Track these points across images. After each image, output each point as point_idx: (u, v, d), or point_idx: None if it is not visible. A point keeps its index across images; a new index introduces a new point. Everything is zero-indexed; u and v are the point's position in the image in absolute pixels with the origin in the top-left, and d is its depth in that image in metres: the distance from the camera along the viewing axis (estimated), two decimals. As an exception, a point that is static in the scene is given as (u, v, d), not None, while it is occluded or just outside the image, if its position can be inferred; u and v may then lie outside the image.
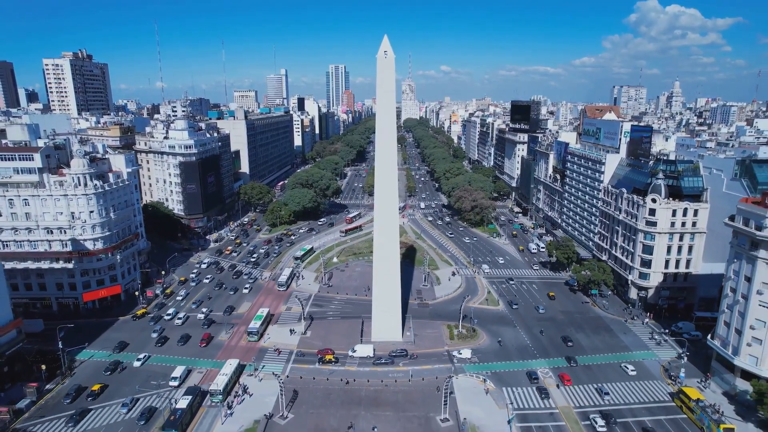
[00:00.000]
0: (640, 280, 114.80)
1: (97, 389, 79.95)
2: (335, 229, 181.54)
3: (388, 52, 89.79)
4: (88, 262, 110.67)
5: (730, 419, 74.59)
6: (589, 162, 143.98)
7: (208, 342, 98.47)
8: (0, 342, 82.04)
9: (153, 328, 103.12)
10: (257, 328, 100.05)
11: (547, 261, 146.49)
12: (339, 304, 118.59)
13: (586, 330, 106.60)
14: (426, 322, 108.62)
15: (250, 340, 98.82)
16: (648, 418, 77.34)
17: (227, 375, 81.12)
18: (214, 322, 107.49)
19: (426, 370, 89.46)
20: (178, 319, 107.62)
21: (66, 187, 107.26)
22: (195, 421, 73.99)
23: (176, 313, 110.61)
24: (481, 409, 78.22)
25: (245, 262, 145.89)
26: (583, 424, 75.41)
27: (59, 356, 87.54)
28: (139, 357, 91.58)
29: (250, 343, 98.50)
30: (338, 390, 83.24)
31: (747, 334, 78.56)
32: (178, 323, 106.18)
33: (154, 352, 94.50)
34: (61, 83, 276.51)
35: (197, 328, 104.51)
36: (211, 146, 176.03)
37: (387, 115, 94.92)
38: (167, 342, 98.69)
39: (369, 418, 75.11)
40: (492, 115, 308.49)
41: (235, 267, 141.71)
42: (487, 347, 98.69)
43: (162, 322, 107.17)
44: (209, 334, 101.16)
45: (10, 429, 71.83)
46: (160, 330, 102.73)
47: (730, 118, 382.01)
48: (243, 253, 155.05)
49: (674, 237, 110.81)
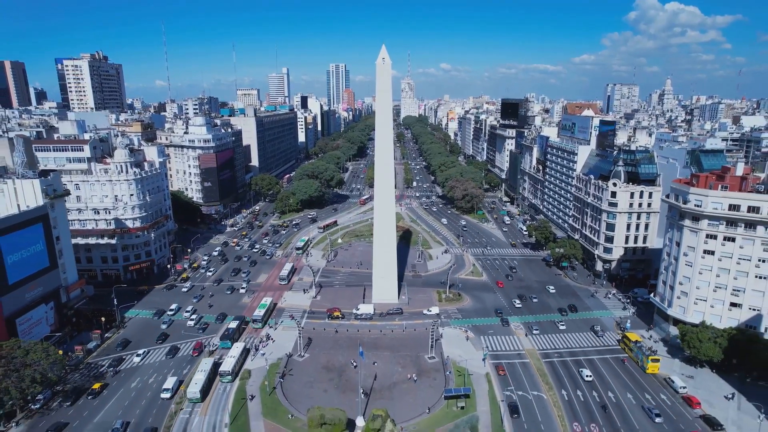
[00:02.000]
0: (605, 254, 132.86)
1: (97, 387, 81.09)
2: (338, 215, 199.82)
3: (385, 59, 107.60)
4: (128, 239, 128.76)
5: (662, 356, 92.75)
6: (565, 153, 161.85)
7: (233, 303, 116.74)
8: (71, 296, 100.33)
9: (190, 294, 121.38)
10: (262, 315, 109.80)
11: (528, 241, 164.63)
12: (344, 276, 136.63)
13: (556, 296, 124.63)
14: (419, 288, 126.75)
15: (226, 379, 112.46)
16: (597, 357, 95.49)
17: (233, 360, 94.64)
18: (235, 289, 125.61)
19: (417, 323, 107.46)
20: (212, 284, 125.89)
21: (110, 174, 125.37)
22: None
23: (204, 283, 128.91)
24: (461, 350, 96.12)
25: (260, 243, 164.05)
26: (544, 361, 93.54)
27: (112, 313, 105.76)
28: (187, 310, 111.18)
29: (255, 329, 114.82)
30: (344, 337, 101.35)
31: (677, 289, 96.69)
32: (208, 288, 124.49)
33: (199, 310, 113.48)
34: (80, 83, 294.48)
35: (222, 294, 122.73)
36: (226, 140, 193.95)
37: (385, 112, 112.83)
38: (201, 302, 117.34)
39: (370, 356, 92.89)
40: (485, 113, 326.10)
41: (253, 246, 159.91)
42: (470, 307, 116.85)
43: (196, 288, 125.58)
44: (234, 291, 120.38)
45: (84, 362, 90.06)
46: (198, 296, 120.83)
47: (718, 115, 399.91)
48: (257, 236, 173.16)
49: (632, 216, 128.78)
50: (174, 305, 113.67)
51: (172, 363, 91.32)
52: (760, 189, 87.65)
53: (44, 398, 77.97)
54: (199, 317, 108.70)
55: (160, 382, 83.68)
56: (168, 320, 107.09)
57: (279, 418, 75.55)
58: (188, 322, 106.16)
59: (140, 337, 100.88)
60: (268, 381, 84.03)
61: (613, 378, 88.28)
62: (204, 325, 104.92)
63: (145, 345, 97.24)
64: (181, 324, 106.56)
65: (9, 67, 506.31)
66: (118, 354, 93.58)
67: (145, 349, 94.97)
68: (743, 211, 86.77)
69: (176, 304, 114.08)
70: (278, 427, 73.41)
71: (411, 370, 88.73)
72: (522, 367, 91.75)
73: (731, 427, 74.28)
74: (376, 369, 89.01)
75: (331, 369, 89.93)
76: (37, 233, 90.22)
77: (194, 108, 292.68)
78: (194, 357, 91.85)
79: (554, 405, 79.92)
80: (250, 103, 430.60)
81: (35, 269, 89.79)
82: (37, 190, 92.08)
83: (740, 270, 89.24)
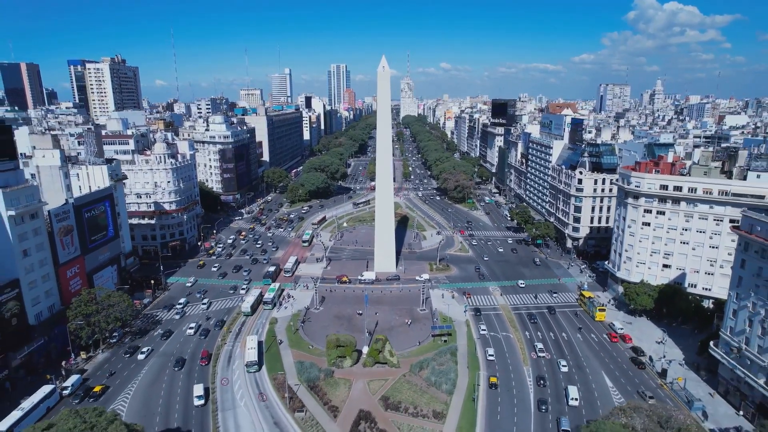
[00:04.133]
0: (573, 233, 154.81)
1: (98, 390, 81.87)
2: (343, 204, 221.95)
3: (385, 67, 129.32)
4: (165, 219, 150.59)
5: (610, 310, 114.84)
6: (543, 147, 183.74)
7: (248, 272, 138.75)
8: (128, 262, 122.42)
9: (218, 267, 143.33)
10: (291, 267, 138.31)
11: (511, 225, 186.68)
12: (349, 252, 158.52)
13: (530, 267, 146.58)
14: (414, 261, 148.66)
15: (286, 274, 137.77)
16: (559, 309, 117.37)
17: (273, 291, 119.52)
18: (258, 261, 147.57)
19: (411, 286, 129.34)
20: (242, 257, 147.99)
21: (151, 164, 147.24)
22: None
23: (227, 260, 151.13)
24: (447, 306, 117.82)
25: (276, 227, 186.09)
26: (514, 312, 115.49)
27: (158, 278, 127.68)
28: (218, 276, 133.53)
29: (286, 276, 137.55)
30: (351, 296, 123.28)
31: (623, 256, 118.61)
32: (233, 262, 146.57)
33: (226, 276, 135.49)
34: (102, 84, 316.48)
35: (247, 265, 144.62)
36: (242, 137, 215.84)
37: (385, 112, 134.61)
38: (227, 275, 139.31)
39: (372, 309, 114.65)
40: (478, 112, 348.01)
41: (269, 229, 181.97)
42: (457, 275, 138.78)
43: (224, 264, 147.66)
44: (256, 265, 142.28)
45: (142, 313, 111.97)
46: (219, 267, 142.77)
47: (705, 114, 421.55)
48: (272, 220, 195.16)
49: (596, 200, 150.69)
50: (215, 267, 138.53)
51: (210, 314, 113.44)
52: (684, 172, 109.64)
53: (118, 335, 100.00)
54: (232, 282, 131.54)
55: (204, 324, 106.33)
56: (206, 284, 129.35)
57: (302, 348, 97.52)
58: (222, 283, 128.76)
59: (181, 296, 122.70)
60: (293, 323, 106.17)
61: (568, 324, 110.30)
62: (233, 287, 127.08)
63: (188, 301, 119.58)
64: (215, 287, 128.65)
65: (24, 69, 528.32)
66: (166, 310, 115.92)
67: (196, 300, 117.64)
68: (670, 189, 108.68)
69: (216, 267, 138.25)
70: (302, 353, 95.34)
71: (406, 318, 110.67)
72: (496, 317, 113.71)
73: (651, 353, 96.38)
74: (377, 318, 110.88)
75: (341, 317, 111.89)
76: (105, 209, 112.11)
77: (207, 107, 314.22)
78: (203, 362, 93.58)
79: (518, 340, 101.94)
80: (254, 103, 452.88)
81: (105, 238, 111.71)
82: (104, 174, 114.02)
83: (669, 238, 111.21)
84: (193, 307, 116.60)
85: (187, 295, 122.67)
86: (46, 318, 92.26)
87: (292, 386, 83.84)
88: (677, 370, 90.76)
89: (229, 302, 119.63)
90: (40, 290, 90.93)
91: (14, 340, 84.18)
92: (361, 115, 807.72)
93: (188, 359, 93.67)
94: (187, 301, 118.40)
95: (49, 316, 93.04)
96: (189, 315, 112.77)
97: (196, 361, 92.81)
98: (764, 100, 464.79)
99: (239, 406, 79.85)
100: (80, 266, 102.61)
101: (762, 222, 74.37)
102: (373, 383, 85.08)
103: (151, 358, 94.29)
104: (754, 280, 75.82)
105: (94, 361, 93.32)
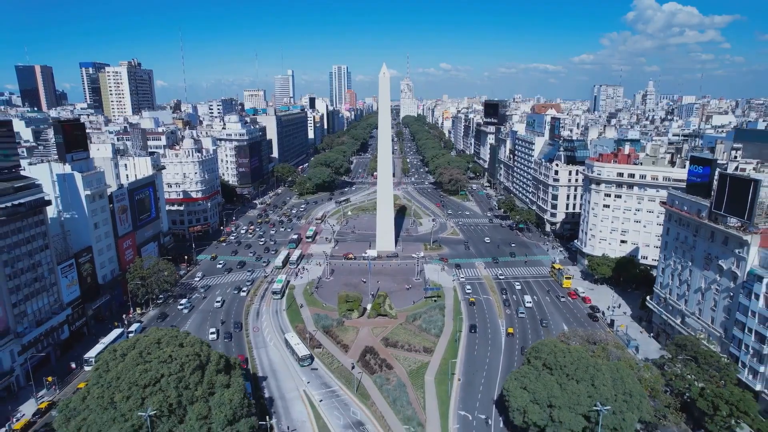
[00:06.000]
0: (551, 217, 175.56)
1: None
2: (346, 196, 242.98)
3: (385, 74, 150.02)
4: (192, 206, 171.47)
5: (577, 280, 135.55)
6: (527, 143, 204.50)
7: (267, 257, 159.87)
8: (165, 240, 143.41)
9: (237, 247, 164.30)
10: (311, 234, 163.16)
11: (498, 213, 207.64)
12: (354, 235, 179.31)
13: (511, 247, 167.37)
14: (411, 243, 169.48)
15: (292, 265, 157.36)
16: (533, 279, 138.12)
17: (280, 283, 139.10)
18: (276, 242, 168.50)
19: (408, 261, 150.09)
20: (260, 242, 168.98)
21: (180, 157, 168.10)
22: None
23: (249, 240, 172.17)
24: (438, 276, 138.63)
25: (287, 215, 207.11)
26: (494, 281, 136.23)
27: (190, 255, 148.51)
28: (251, 254, 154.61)
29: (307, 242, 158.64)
30: (357, 269, 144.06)
31: (588, 234, 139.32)
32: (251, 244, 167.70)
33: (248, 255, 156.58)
34: (119, 86, 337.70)
35: (259, 247, 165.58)
36: (255, 135, 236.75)
37: (385, 113, 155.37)
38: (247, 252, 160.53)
39: (374, 279, 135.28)
40: (473, 112, 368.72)
41: (282, 217, 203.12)
42: (447, 254, 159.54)
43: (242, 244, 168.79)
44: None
45: (180, 280, 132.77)
46: (238, 245, 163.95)
47: (693, 113, 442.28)
48: (284, 209, 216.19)
49: (571, 189, 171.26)
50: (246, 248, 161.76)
51: (235, 281, 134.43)
52: (636, 162, 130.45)
53: (164, 297, 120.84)
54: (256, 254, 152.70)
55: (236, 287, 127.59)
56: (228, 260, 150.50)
57: (317, 306, 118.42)
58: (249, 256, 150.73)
59: (209, 270, 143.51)
60: (308, 287, 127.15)
61: (539, 289, 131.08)
62: (259, 257, 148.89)
63: (216, 273, 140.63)
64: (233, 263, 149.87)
65: (39, 71, 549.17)
66: (197, 280, 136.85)
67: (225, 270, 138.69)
68: (625, 176, 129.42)
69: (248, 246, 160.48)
70: (318, 309, 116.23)
71: (405, 284, 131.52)
72: (479, 285, 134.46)
73: (605, 311, 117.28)
74: (379, 285, 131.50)
75: (348, 284, 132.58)
76: (149, 193, 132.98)
77: (218, 107, 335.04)
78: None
79: (496, 302, 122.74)
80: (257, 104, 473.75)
81: (149, 218, 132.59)
82: (148, 164, 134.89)
83: (625, 217, 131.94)
84: (220, 278, 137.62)
85: (220, 265, 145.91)
86: (109, 280, 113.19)
87: (310, 332, 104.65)
88: (625, 322, 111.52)
89: (248, 275, 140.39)
90: (105, 257, 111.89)
91: (89, 294, 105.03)
92: (362, 115, 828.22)
93: (224, 313, 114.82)
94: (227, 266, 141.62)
95: (111, 278, 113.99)
96: (215, 285, 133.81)
97: (231, 315, 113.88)
98: (754, 100, 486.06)
99: (269, 344, 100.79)
100: (132, 240, 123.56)
101: (679, 197, 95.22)
102: (375, 329, 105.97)
103: (193, 313, 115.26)
104: (674, 243, 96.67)
105: (147, 315, 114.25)
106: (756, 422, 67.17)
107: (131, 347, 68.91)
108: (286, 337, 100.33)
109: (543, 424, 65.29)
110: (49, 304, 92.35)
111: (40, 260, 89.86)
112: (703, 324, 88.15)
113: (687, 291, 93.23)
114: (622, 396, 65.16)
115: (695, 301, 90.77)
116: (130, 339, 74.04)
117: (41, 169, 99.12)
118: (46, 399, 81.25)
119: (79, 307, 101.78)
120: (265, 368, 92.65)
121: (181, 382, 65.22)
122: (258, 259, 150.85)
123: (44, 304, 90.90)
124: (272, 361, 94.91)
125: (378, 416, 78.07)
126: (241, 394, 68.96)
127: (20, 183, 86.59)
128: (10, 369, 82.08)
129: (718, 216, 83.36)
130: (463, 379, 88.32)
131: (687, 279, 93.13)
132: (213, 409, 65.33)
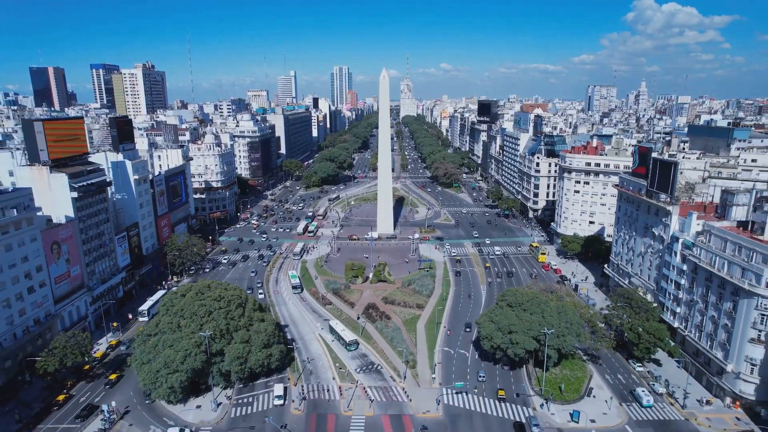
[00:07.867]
0: (533, 205, 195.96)
1: (114, 378, 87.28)
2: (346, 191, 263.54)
3: (385, 77, 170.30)
4: (212, 195, 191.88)
5: (551, 256, 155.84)
6: (514, 139, 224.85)
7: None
8: (192, 222, 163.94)
9: (256, 231, 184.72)
10: (323, 212, 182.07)
11: (488, 203, 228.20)
12: (357, 221, 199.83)
13: (497, 229, 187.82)
14: (408, 227, 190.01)
15: (310, 234, 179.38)
16: (514, 256, 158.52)
17: (301, 245, 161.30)
18: (291, 227, 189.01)
19: (405, 242, 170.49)
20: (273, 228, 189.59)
21: (202, 151, 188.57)
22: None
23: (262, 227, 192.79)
24: (431, 253, 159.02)
25: (297, 205, 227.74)
26: (480, 257, 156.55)
27: (214, 236, 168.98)
28: (263, 237, 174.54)
29: (309, 235, 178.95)
30: (360, 248, 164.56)
31: (562, 216, 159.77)
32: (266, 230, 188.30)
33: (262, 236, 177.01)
34: (135, 87, 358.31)
35: (271, 231, 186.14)
36: (266, 132, 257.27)
37: (385, 113, 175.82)
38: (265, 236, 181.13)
39: (375, 255, 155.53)
40: (468, 111, 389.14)
41: (292, 206, 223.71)
42: (440, 235, 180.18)
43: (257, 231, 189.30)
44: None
45: (206, 256, 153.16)
46: (261, 231, 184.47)
47: (683, 113, 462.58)
48: (293, 200, 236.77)
49: (551, 179, 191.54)
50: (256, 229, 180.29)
51: (255, 258, 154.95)
52: (602, 153, 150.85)
53: (195, 269, 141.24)
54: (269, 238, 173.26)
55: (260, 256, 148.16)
56: (248, 240, 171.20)
57: (326, 275, 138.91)
58: (262, 238, 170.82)
59: (231, 249, 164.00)
60: (319, 260, 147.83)
61: (517, 263, 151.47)
62: (272, 239, 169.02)
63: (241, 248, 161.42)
64: (257, 243, 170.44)
65: (51, 72, 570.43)
66: (220, 256, 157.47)
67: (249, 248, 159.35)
68: (592, 165, 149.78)
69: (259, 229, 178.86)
70: (327, 277, 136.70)
71: (401, 260, 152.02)
72: (466, 260, 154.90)
73: (571, 278, 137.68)
74: (380, 259, 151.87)
75: (353, 259, 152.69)
76: (181, 180, 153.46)
77: (228, 107, 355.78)
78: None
79: (480, 273, 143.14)
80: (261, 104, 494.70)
81: (180, 201, 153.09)
82: (179, 156, 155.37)
83: (593, 201, 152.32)
84: (243, 252, 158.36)
85: (239, 242, 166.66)
86: (150, 253, 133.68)
87: (322, 294, 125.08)
88: (588, 287, 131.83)
89: (268, 251, 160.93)
90: (147, 232, 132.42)
91: (136, 263, 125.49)
92: (363, 114, 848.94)
93: (247, 280, 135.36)
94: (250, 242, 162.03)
95: (152, 251, 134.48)
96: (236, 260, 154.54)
97: (255, 280, 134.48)
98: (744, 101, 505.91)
99: (288, 303, 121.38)
100: (167, 220, 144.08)
101: (626, 179, 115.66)
102: (377, 291, 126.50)
103: (222, 277, 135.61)
104: (624, 217, 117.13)
105: (182, 283, 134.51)
106: (667, 347, 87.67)
107: (189, 289, 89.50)
108: (331, 324, 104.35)
109: (505, 346, 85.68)
110: (110, 266, 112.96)
111: (104, 230, 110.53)
112: (642, 281, 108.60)
113: (632, 256, 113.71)
114: (564, 324, 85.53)
115: (638, 263, 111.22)
116: (187, 284, 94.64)
117: (99, 157, 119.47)
118: (113, 338, 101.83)
119: (130, 272, 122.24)
120: (286, 319, 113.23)
121: (228, 314, 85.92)
122: (276, 239, 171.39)
123: (106, 266, 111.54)
124: (291, 314, 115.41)
125: (378, 350, 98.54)
126: (273, 326, 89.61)
127: (89, 168, 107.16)
128: (86, 315, 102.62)
129: (652, 193, 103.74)
130: (449, 327, 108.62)
131: (632, 246, 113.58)
132: (252, 335, 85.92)
